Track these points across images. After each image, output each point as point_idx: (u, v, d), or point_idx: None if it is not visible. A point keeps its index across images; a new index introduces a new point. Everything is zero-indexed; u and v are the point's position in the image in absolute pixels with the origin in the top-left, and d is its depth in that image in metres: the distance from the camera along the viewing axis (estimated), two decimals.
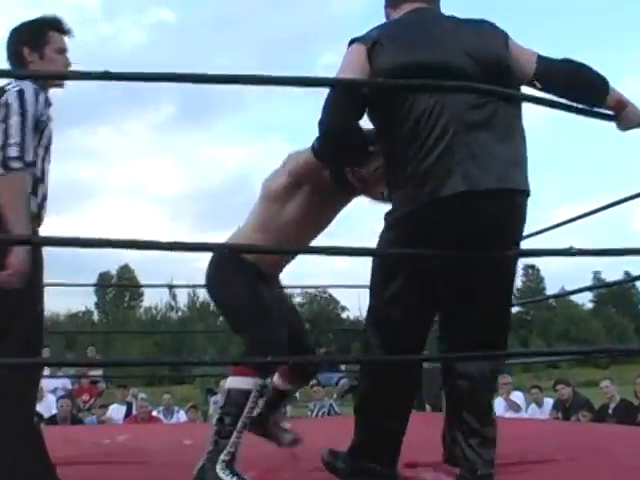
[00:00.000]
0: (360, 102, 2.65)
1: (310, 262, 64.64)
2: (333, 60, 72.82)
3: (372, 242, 2.79)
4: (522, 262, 58.63)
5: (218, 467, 2.75)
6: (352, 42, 2.70)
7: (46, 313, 2.95)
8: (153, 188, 70.17)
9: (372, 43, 2.63)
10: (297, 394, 13.42)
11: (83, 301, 57.64)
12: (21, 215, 2.56)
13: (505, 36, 2.75)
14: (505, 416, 8.38)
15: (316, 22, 74.15)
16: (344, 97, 2.63)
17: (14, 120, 2.60)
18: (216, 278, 3.15)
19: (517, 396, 9.19)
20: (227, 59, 71.84)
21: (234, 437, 2.81)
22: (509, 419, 7.56)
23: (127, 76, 2.21)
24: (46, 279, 2.88)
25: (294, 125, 76.87)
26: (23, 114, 2.61)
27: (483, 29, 2.74)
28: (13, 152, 2.56)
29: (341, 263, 70.26)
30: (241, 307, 3.05)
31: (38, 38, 2.91)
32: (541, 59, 2.74)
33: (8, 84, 2.72)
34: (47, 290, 2.99)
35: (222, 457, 2.77)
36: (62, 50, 2.97)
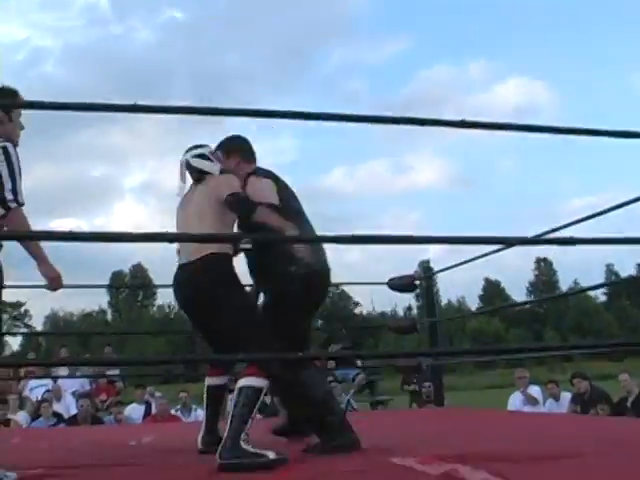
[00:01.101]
0: None
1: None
2: (344, 55, 72.71)
3: None
4: (534, 255, 58.65)
5: (241, 442, 3.28)
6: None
7: (60, 313, 3.32)
8: (166, 186, 70.24)
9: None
10: None
11: (96, 300, 57.92)
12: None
13: None
14: (523, 410, 8.37)
15: (327, 18, 74.00)
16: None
17: (4, 172, 3.20)
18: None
19: (535, 390, 9.14)
20: (238, 56, 71.88)
21: (248, 425, 3.35)
22: (529, 414, 7.56)
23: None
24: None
25: (303, 121, 76.72)
26: (10, 165, 3.22)
27: None
28: (10, 196, 3.19)
29: (354, 259, 70.19)
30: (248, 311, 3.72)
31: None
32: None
33: None
34: (61, 291, 3.61)
35: (242, 437, 3.30)
36: (20, 115, 3.52)
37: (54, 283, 3.47)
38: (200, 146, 4.10)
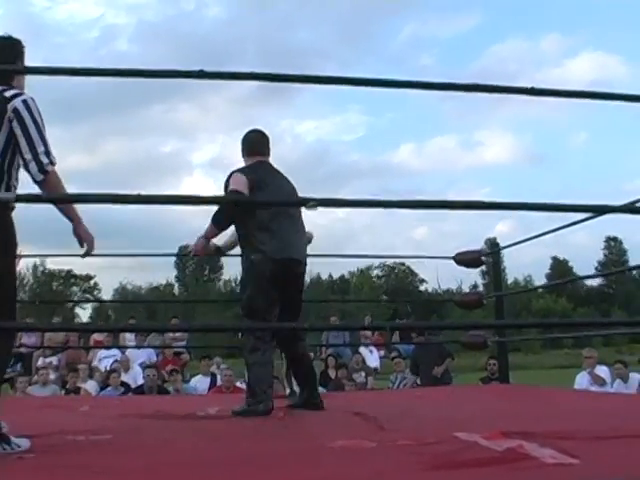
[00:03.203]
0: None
1: (388, 234, 64.40)
2: (414, 30, 72.09)
3: None
4: (604, 234, 57.56)
5: None
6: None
7: (128, 287, 3.25)
8: (235, 162, 70.60)
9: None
10: (378, 366, 13.44)
11: (164, 275, 58.73)
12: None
13: None
14: (590, 390, 8.25)
15: None
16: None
17: (32, 129, 3.08)
18: None
19: (602, 370, 9.00)
20: (308, 32, 71.73)
21: None
22: (596, 393, 7.45)
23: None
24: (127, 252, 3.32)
25: (371, 96, 76.39)
26: (36, 122, 3.10)
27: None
28: (45, 159, 3.09)
29: (419, 235, 69.85)
30: None
31: (17, 55, 3.37)
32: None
33: (3, 90, 3.14)
34: (129, 264, 3.47)
35: None
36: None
37: (89, 245, 3.36)
38: None
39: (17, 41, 3.39)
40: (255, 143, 5.08)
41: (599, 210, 3.65)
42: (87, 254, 3.43)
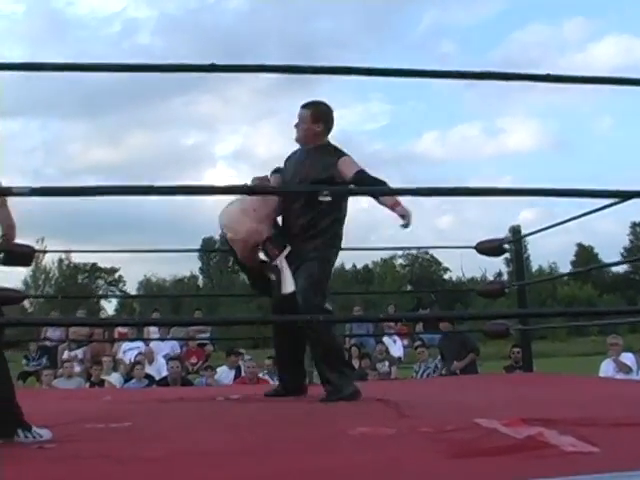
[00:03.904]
0: None
1: (412, 224, 64.00)
2: (434, 18, 71.73)
3: None
4: (629, 220, 57.08)
5: None
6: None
7: (153, 279, 3.16)
8: (258, 153, 70.70)
9: None
10: (402, 356, 13.43)
11: (188, 267, 58.99)
12: None
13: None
14: (616, 377, 8.20)
15: None
16: None
17: None
18: None
19: (628, 357, 8.95)
20: (328, 23, 71.54)
21: None
22: (620, 380, 7.40)
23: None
24: (150, 246, 3.15)
25: (393, 84, 76.11)
26: None
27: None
28: None
29: (443, 224, 69.63)
30: None
31: None
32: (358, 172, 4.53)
33: None
34: (153, 257, 3.39)
35: None
36: None
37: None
38: None
39: None
40: (333, 121, 4.91)
41: (624, 195, 3.62)
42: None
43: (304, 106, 4.83)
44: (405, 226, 4.42)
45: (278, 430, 3.36)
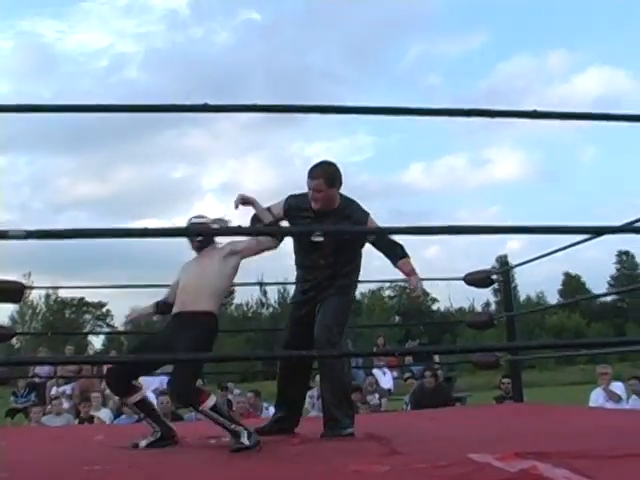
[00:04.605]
0: None
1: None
2: (421, 51, 72.35)
3: None
4: (615, 249, 57.32)
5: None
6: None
7: None
8: (245, 186, 70.72)
9: None
10: (392, 387, 13.40)
11: None
12: None
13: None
14: (606, 407, 8.21)
15: (404, 13, 73.36)
16: None
17: None
18: None
19: (617, 387, 8.96)
20: (315, 56, 71.93)
21: None
22: (611, 410, 7.41)
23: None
24: (138, 280, 3.14)
25: (379, 118, 76.35)
26: None
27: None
28: None
29: (432, 255, 69.74)
30: None
31: None
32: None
33: None
34: (141, 290, 3.38)
35: None
36: None
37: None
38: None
39: None
40: (342, 176, 4.85)
41: (598, 232, 3.72)
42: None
43: (313, 176, 4.69)
44: (414, 298, 5.03)
45: (272, 468, 3.36)
